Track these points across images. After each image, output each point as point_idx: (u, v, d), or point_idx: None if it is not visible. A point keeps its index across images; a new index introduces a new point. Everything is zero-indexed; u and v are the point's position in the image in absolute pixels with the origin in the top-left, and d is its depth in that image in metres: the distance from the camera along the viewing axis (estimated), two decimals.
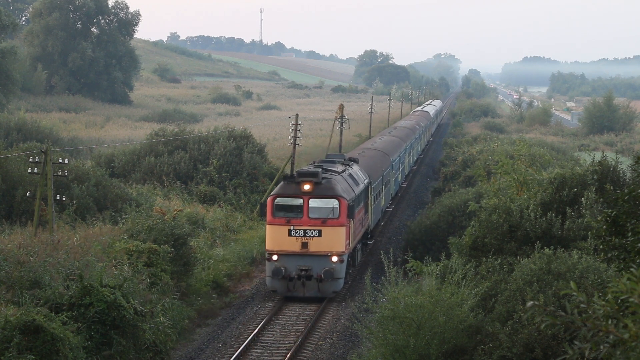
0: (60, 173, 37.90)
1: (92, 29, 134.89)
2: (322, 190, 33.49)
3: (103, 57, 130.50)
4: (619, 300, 7.77)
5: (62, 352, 22.62)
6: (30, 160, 38.04)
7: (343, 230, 33.42)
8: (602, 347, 7.35)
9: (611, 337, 7.35)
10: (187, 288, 34.00)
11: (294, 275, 33.08)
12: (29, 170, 37.36)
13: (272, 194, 34.35)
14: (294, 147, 55.02)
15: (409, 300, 22.85)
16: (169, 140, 59.57)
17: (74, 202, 42.10)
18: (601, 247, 18.44)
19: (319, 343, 29.05)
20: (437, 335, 22.47)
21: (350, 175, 37.71)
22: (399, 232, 48.90)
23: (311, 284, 33.17)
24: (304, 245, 33.14)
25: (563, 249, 25.10)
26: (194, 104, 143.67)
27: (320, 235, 33.21)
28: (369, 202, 41.45)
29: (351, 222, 34.34)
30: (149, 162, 57.12)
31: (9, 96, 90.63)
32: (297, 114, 57.54)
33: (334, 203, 33.32)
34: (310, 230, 33.16)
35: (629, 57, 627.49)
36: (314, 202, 33.31)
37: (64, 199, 38.35)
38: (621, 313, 7.71)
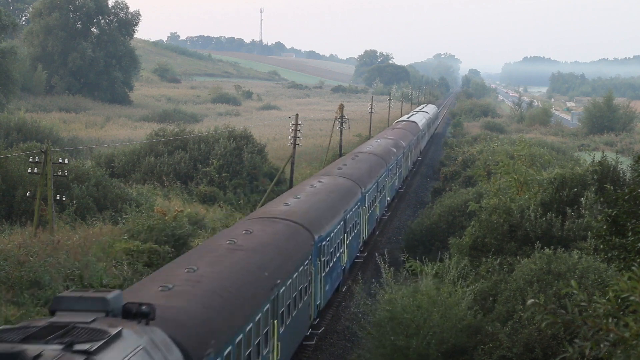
0: (60, 173, 37.90)
1: (92, 29, 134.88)
2: None
3: (103, 57, 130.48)
4: (620, 299, 7.77)
5: None
6: (30, 160, 38.07)
7: None
8: (602, 345, 7.35)
9: (612, 335, 7.35)
10: None
11: None
12: (29, 170, 37.38)
13: None
14: (294, 147, 55.01)
15: (407, 301, 22.86)
16: (169, 140, 59.56)
17: (74, 202, 42.08)
18: (601, 247, 18.46)
19: (319, 343, 29.01)
20: (436, 335, 22.47)
21: None
22: (399, 232, 48.87)
23: None
24: None
25: (563, 249, 25.11)
26: (194, 104, 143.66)
27: None
28: None
29: None
30: (149, 162, 57.11)
31: (9, 96, 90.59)
32: (297, 114, 57.55)
33: None
34: None
35: (629, 57, 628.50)
36: None
37: (64, 199, 38.37)
38: (622, 312, 7.71)
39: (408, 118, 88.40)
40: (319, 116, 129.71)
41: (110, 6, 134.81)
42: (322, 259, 27.39)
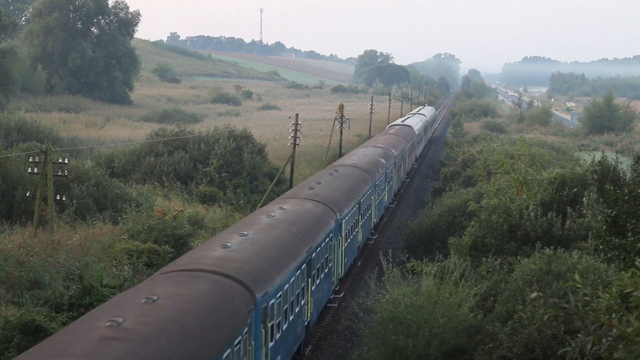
0: (60, 173, 37.90)
1: (92, 29, 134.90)
2: None
3: (103, 57, 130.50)
4: (622, 294, 7.77)
5: None
6: (30, 160, 38.07)
7: None
8: (604, 340, 7.34)
9: (614, 330, 7.34)
10: None
11: None
12: (29, 170, 37.38)
13: None
14: (294, 147, 55.00)
15: (409, 301, 22.87)
16: (169, 140, 59.56)
17: (74, 202, 42.09)
18: (601, 247, 18.45)
19: (319, 343, 29.02)
20: (436, 335, 22.48)
21: None
22: (399, 232, 48.88)
23: None
24: None
25: (563, 249, 25.13)
26: (194, 104, 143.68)
27: None
28: None
29: None
30: (149, 162, 57.11)
31: (9, 96, 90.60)
32: (297, 114, 57.54)
33: None
34: None
35: (629, 57, 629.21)
36: None
37: (64, 199, 38.37)
38: (624, 307, 7.71)
39: (402, 122, 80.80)
40: (319, 116, 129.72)
41: (110, 6, 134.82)
42: (270, 324, 19.79)
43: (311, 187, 33.33)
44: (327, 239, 28.30)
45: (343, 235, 31.84)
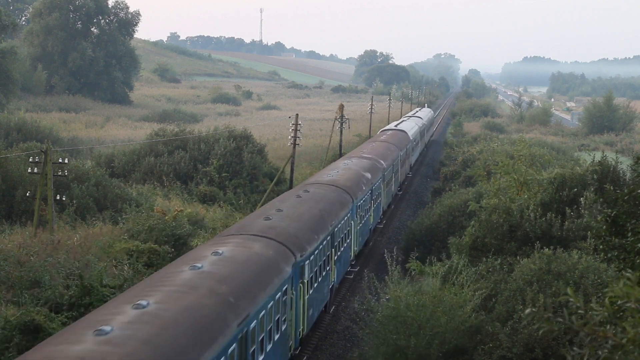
0: (60, 173, 37.90)
1: (92, 29, 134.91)
2: None
3: (103, 57, 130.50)
4: (617, 305, 7.78)
5: None
6: (30, 160, 38.08)
7: None
8: (600, 352, 7.35)
9: (610, 342, 7.35)
10: None
11: None
12: (29, 170, 37.40)
13: None
14: (294, 147, 54.99)
15: (411, 300, 22.86)
16: (169, 140, 59.57)
17: (74, 202, 42.10)
18: (601, 247, 18.45)
19: (319, 343, 29.01)
20: (438, 335, 22.48)
21: None
22: (398, 232, 48.88)
23: None
24: None
25: (563, 249, 25.15)
26: (194, 104, 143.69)
27: None
28: None
29: None
30: (149, 162, 57.11)
31: (9, 96, 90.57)
32: (297, 114, 57.53)
33: None
34: None
35: (629, 57, 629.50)
36: None
37: (64, 199, 38.37)
38: (619, 316, 7.72)
39: (396, 126, 73.12)
40: (319, 116, 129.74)
41: (110, 6, 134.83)
42: None
43: (267, 217, 25.61)
44: (279, 293, 20.51)
45: (306, 281, 24.44)
